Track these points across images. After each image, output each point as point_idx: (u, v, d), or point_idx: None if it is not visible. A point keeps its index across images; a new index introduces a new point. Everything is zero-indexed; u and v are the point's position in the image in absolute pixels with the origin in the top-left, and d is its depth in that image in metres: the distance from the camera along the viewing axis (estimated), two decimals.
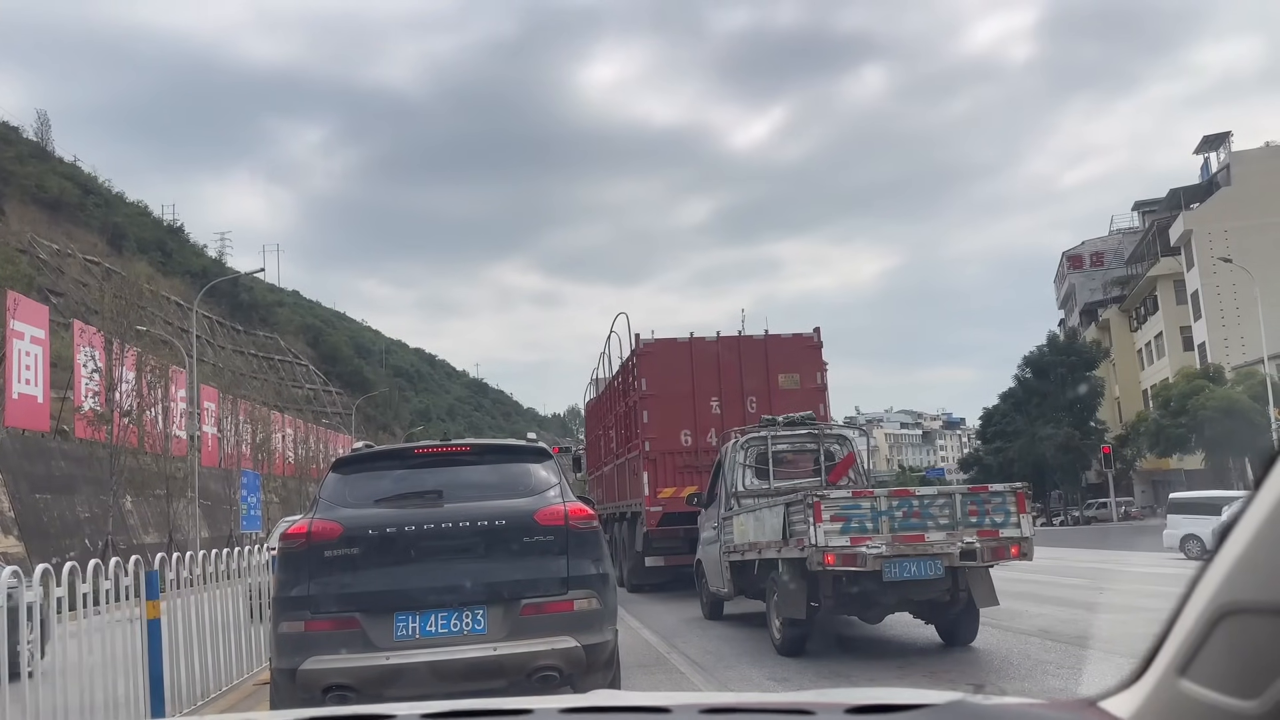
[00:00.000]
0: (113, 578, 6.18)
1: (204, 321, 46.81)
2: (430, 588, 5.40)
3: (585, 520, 5.81)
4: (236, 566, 8.38)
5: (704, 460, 13.97)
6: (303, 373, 72.10)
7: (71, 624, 6.03)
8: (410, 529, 5.50)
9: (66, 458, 26.01)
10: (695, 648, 9.44)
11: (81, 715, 5.61)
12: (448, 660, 5.26)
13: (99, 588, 6.05)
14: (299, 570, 5.46)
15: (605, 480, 19.51)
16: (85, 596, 5.91)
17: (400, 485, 5.88)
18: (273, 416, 43.42)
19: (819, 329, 15.57)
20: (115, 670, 6.23)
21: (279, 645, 5.44)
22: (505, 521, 5.59)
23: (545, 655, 5.37)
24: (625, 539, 16.21)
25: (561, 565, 5.59)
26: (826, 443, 11.29)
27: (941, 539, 7.90)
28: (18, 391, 22.80)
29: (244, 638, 8.50)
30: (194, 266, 64.82)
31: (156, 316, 35.36)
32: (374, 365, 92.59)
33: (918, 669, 7.75)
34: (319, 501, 5.83)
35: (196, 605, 7.43)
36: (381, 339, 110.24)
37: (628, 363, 16.58)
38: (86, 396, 25.33)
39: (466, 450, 6.26)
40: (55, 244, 46.41)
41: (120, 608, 6.31)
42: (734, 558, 10.17)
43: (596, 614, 5.61)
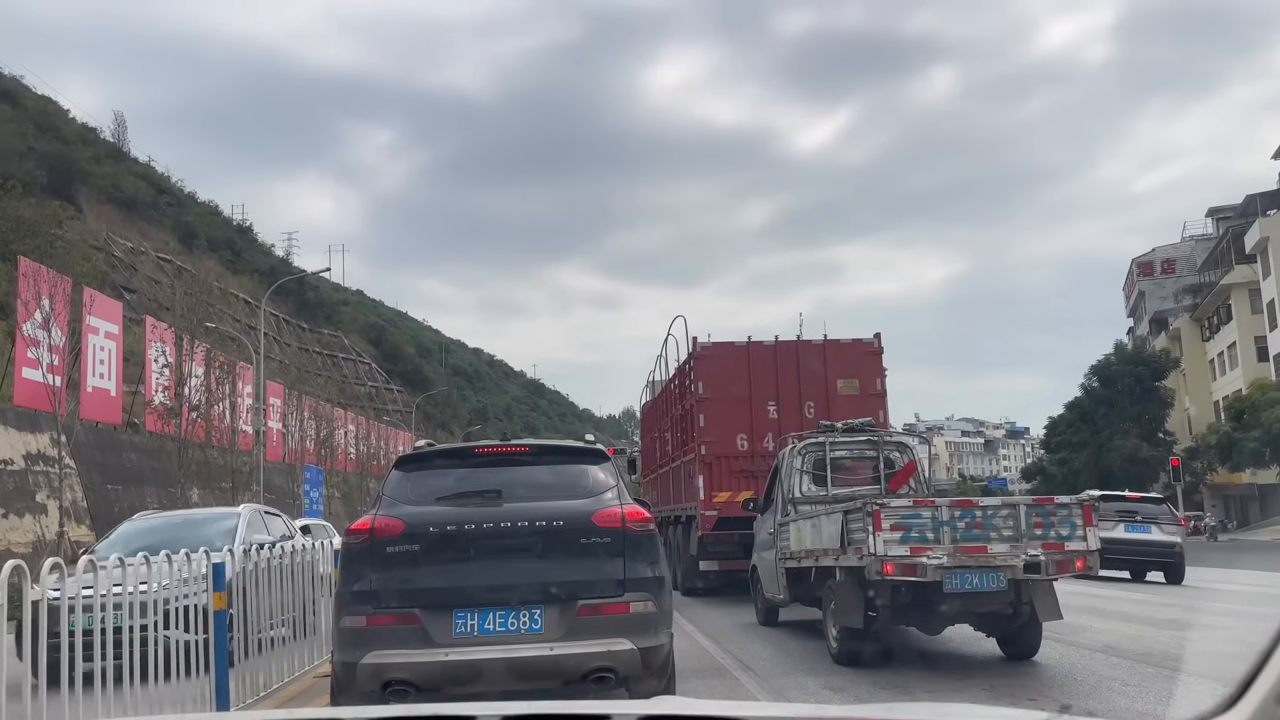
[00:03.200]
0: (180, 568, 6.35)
1: (271, 319, 47.85)
2: (489, 586, 5.45)
3: (642, 523, 5.81)
4: (300, 560, 8.54)
5: (760, 465, 13.88)
6: (365, 370, 73.35)
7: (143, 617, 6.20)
8: (470, 527, 5.56)
9: (137, 450, 26.79)
10: (750, 654, 9.38)
11: (149, 705, 5.76)
12: (505, 659, 5.30)
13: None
14: (362, 566, 5.55)
15: (660, 483, 19.51)
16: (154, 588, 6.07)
17: (461, 484, 5.95)
18: (335, 413, 44.23)
19: (879, 334, 15.39)
20: (183, 660, 6.39)
21: (341, 639, 5.53)
22: (563, 522, 5.62)
23: (601, 657, 5.38)
24: (680, 542, 16.18)
25: (618, 567, 5.60)
26: (886, 450, 11.14)
27: (1005, 551, 7.74)
28: (92, 385, 23.55)
29: (305, 630, 8.64)
30: (262, 265, 66.38)
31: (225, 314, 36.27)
32: (434, 364, 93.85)
33: (978, 682, 7.60)
34: (382, 498, 5.92)
35: (260, 598, 7.59)
36: (441, 338, 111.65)
37: (684, 366, 16.55)
38: (157, 391, 26.09)
39: (526, 451, 6.31)
40: (129, 242, 47.88)
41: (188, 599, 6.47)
42: (790, 564, 10.10)
43: (652, 617, 5.61)
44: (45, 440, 21.72)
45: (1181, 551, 17.55)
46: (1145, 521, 17.64)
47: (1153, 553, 17.36)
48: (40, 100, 55.40)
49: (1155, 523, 17.71)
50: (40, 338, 20.82)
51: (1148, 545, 17.29)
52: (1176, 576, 17.32)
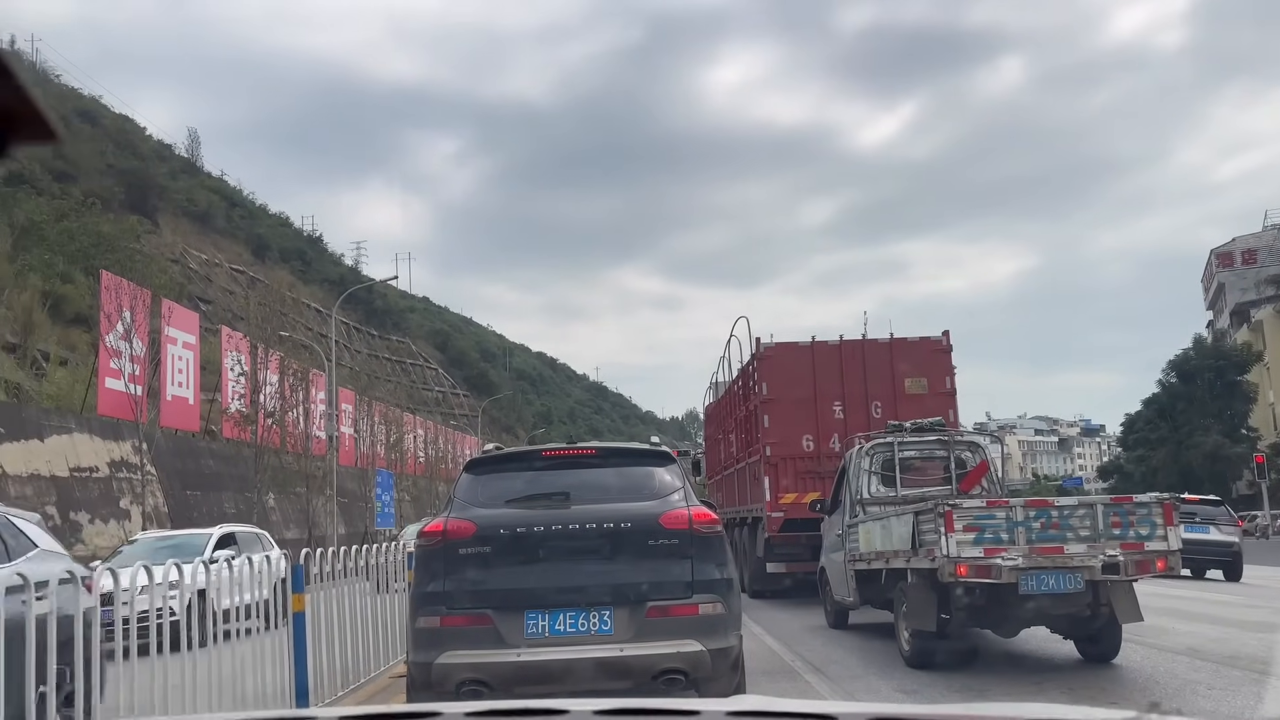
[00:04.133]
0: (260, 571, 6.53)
1: (341, 327, 48.89)
2: (559, 587, 5.51)
3: (709, 525, 5.81)
4: (375, 562, 8.71)
5: (827, 466, 13.76)
6: (432, 375, 74.53)
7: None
8: (539, 529, 5.62)
9: (215, 456, 27.58)
10: (820, 656, 9.31)
11: (234, 701, 5.93)
12: (576, 659, 5.34)
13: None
14: (435, 567, 5.65)
15: (725, 485, 19.45)
16: None
17: (530, 487, 6.01)
18: (405, 418, 44.99)
19: (948, 332, 15.15)
20: (264, 659, 6.57)
21: (415, 639, 5.64)
22: (630, 524, 5.65)
23: (671, 658, 5.40)
24: (746, 544, 16.11)
25: (686, 569, 5.61)
26: (957, 450, 10.97)
27: (1082, 551, 7.57)
28: (171, 394, 24.32)
29: (381, 631, 8.81)
30: (332, 274, 67.90)
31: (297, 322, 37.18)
32: (498, 368, 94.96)
33: (1056, 685, 7.44)
34: (453, 501, 6.01)
35: (337, 599, 7.76)
36: (506, 343, 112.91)
37: (748, 367, 16.49)
38: (233, 398, 26.83)
39: (592, 453, 6.36)
40: (204, 254, 49.36)
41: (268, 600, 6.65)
42: (860, 566, 9.99)
43: (721, 618, 5.61)
44: (128, 448, 22.49)
45: (1239, 550, 18.53)
46: (1204, 522, 18.40)
47: (1212, 552, 18.18)
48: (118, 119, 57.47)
49: (1214, 523, 18.59)
50: (122, 348, 21.56)
51: (1207, 545, 18.02)
52: (1235, 574, 18.24)
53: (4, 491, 18.23)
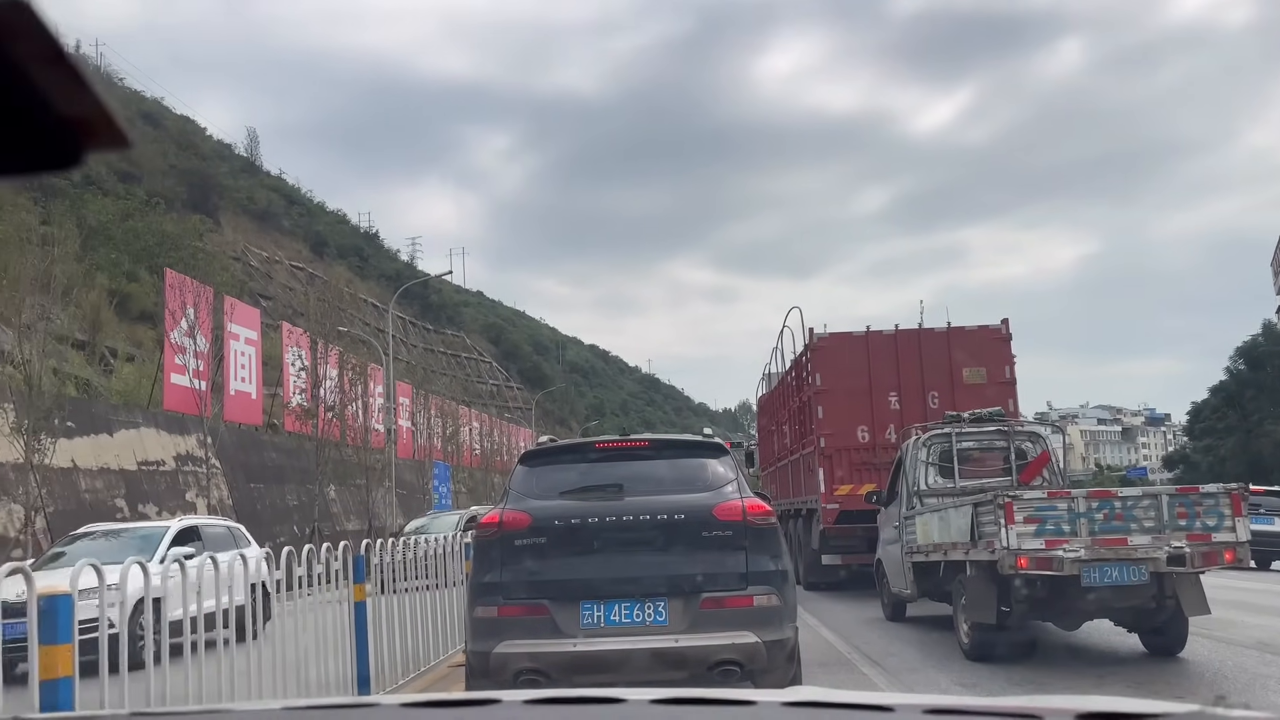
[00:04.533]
0: (323, 562, 6.68)
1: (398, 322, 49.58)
2: (613, 578, 5.54)
3: (763, 516, 5.81)
4: (432, 552, 8.84)
5: (883, 457, 13.62)
6: (486, 369, 75.26)
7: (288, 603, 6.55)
8: (594, 521, 5.66)
9: (277, 449, 28.17)
10: (877, 649, 9.24)
11: (298, 689, 6.07)
12: (632, 649, 5.38)
13: (312, 571, 6.54)
14: (491, 558, 5.73)
15: (779, 476, 19.36)
16: (300, 579, 6.40)
17: (583, 478, 6.05)
18: (460, 411, 45.50)
19: (1007, 320, 14.88)
20: (326, 648, 6.72)
21: (474, 629, 5.72)
22: (684, 516, 5.66)
23: (726, 649, 5.41)
24: (801, 536, 16.03)
25: (740, 560, 5.61)
26: (1017, 440, 10.79)
27: (1147, 543, 7.42)
28: (235, 389, 24.88)
29: (440, 621, 8.94)
30: (388, 270, 68.86)
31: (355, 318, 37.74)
32: (551, 362, 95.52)
33: (1119, 679, 7.30)
34: (509, 493, 6.09)
35: (396, 589, 7.90)
36: (558, 336, 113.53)
37: (801, 358, 16.37)
38: (294, 393, 27.37)
39: (645, 445, 6.38)
40: (264, 251, 50.37)
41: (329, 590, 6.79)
42: (917, 558, 9.89)
43: (776, 610, 5.60)
44: (193, 442, 23.08)
45: None
46: (1269, 514, 18.55)
47: (1277, 543, 18.34)
48: (179, 120, 58.86)
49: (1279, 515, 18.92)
50: (186, 345, 22.13)
51: (1272, 536, 18.05)
52: None
53: (75, 485, 18.84)
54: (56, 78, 0.33)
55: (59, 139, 0.34)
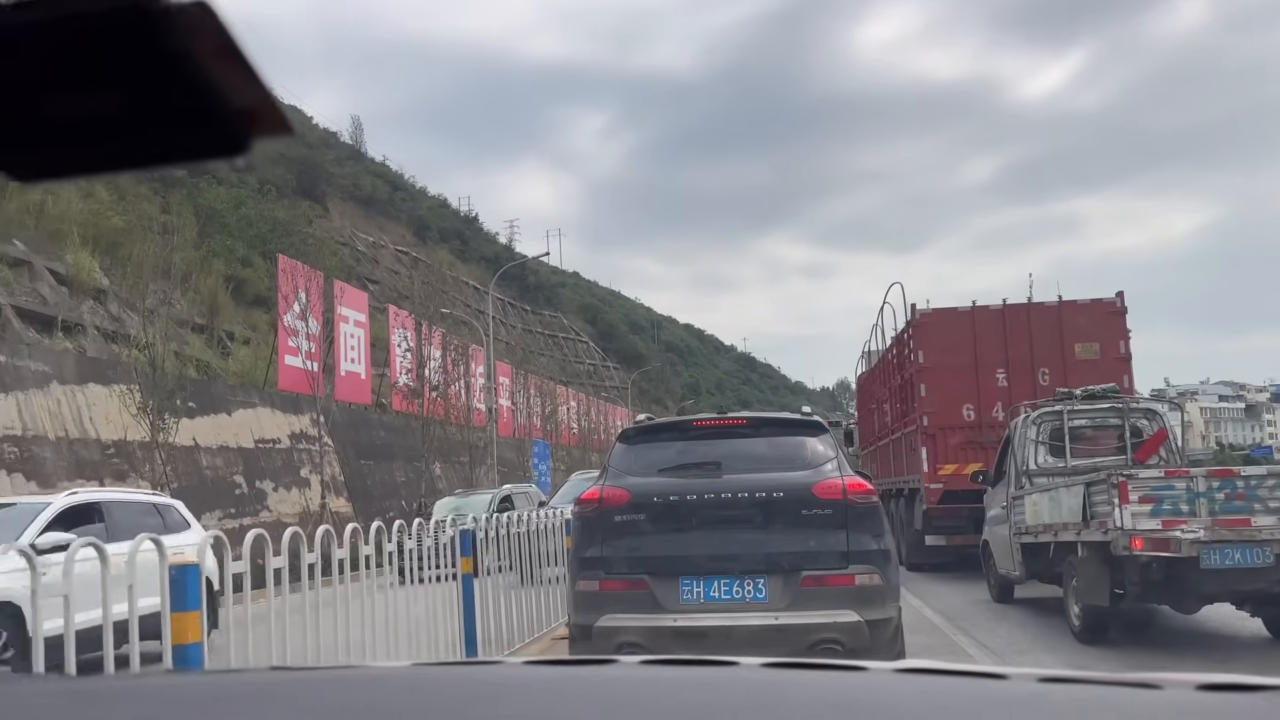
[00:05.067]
0: (432, 536, 6.89)
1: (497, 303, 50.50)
2: (712, 555, 5.58)
3: (865, 495, 5.76)
4: (537, 528, 9.03)
5: (989, 436, 13.29)
6: (583, 349, 76.04)
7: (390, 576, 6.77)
8: (692, 498, 5.70)
9: (385, 428, 29.09)
10: (984, 630, 9.06)
11: (411, 654, 6.29)
12: (732, 626, 5.40)
13: (422, 544, 6.76)
14: (592, 533, 5.82)
15: (880, 455, 19.08)
16: (410, 552, 6.62)
17: (681, 456, 6.09)
18: (558, 390, 46.15)
19: (1122, 293, 14.30)
20: (437, 619, 6.94)
21: (576, 602, 5.84)
22: (783, 494, 5.65)
23: (827, 628, 5.38)
24: (903, 516, 15.78)
25: (841, 539, 5.58)
26: (1132, 418, 10.40)
27: (1272, 524, 7.08)
28: (345, 369, 25.76)
29: (543, 594, 9.12)
30: (487, 253, 70.10)
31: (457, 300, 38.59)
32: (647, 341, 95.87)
33: (1239, 663, 7.00)
34: (608, 469, 6.17)
35: (501, 562, 8.09)
36: (653, 315, 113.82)
37: (903, 334, 16.05)
38: (400, 373, 28.21)
39: (743, 423, 6.38)
40: (370, 236, 51.83)
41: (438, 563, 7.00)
42: (1026, 539, 9.64)
43: (879, 589, 5.55)
44: (306, 421, 24.01)
45: None
46: None
47: None
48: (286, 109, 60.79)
49: None
50: (299, 327, 22.98)
51: None
52: None
53: (198, 462, 19.83)
54: (231, 72, 0.36)
55: (230, 128, 0.37)
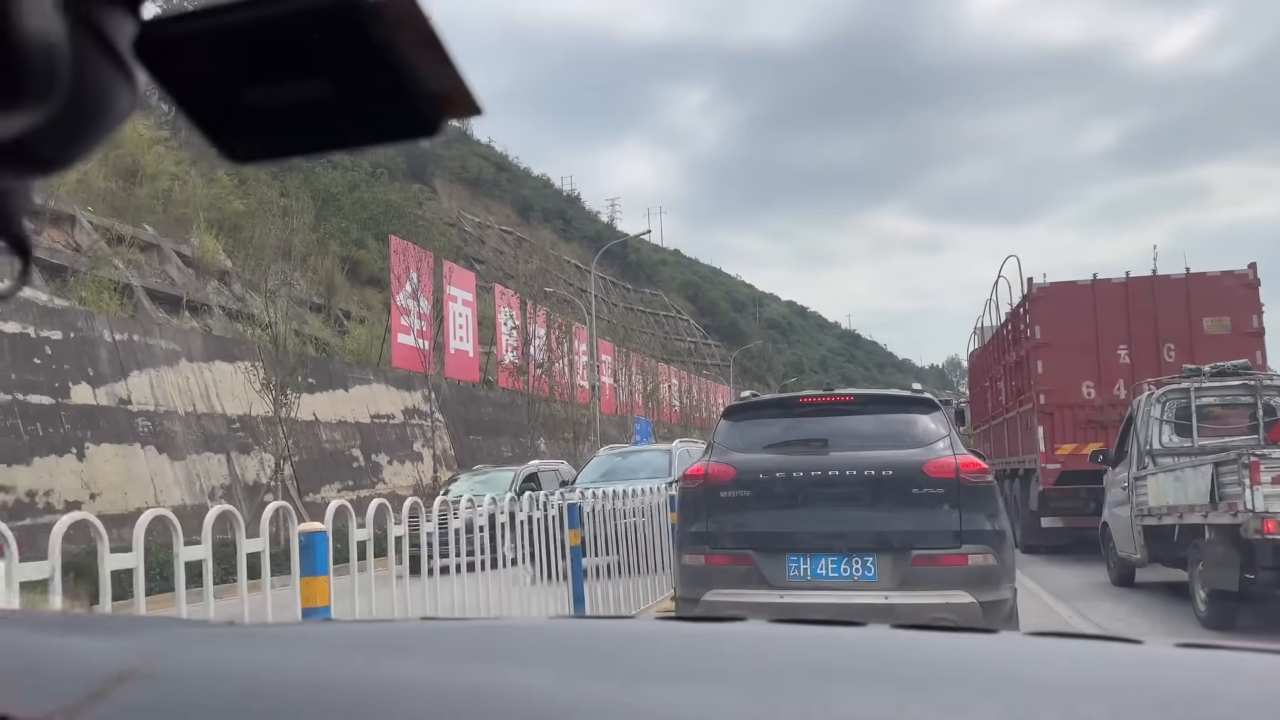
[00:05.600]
0: (542, 509, 7.04)
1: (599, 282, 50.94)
2: (819, 533, 5.54)
3: (978, 474, 5.63)
4: (640, 503, 9.12)
5: (1110, 415, 12.79)
6: (684, 327, 76.07)
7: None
8: (798, 475, 5.66)
9: (492, 404, 29.75)
10: (1103, 614, 8.76)
11: None
12: (840, 604, 5.36)
13: (531, 516, 6.92)
14: (698, 509, 5.85)
15: (993, 434, 18.58)
16: (521, 523, 6.78)
17: (787, 433, 6.06)
18: (659, 368, 46.34)
19: (1254, 264, 13.51)
20: (546, 587, 7.09)
21: (683, 576, 5.89)
22: (893, 472, 5.57)
23: (939, 608, 5.29)
24: (1018, 497, 15.35)
25: (954, 519, 5.47)
26: (1265, 395, 9.84)
27: None
28: (454, 347, 26.42)
29: (650, 566, 9.22)
30: (589, 231, 70.75)
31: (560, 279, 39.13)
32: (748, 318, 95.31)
33: None
34: (713, 445, 6.19)
35: (608, 535, 8.21)
36: (755, 292, 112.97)
37: (1018, 309, 15.54)
38: (507, 351, 28.78)
39: (850, 400, 6.30)
40: (477, 217, 52.87)
41: None
42: (1148, 521, 9.26)
43: (993, 570, 5.43)
44: (418, 397, 24.75)
45: None
46: None
47: None
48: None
49: None
50: (410, 307, 23.66)
51: None
52: None
53: (317, 436, 20.67)
54: (430, 59, 0.38)
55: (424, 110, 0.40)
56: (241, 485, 17.79)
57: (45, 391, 14.48)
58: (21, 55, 0.31)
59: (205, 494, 16.65)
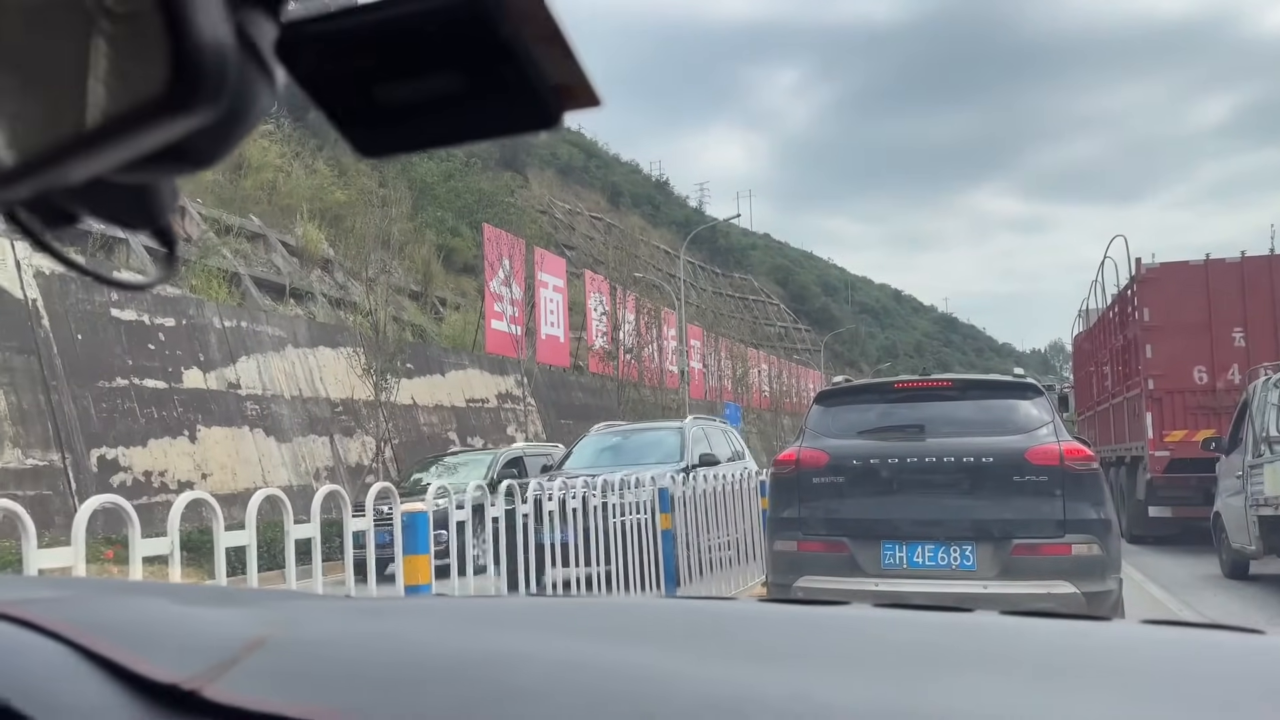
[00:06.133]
0: (634, 492, 7.09)
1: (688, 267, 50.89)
2: (916, 520, 5.46)
3: (1083, 461, 5.47)
4: (730, 488, 9.11)
5: (1224, 401, 12.24)
6: (774, 311, 75.41)
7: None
8: (894, 461, 5.58)
9: (582, 389, 30.06)
10: (1213, 607, 8.41)
11: None
12: (937, 593, 5.27)
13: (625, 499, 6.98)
14: (789, 494, 5.82)
15: (1098, 421, 17.99)
16: (615, 507, 6.85)
17: (882, 419, 5.97)
18: (749, 353, 46.07)
19: None
20: (637, 571, 7.15)
21: (774, 562, 5.87)
22: (993, 459, 5.45)
23: (1040, 599, 5.17)
24: (1124, 485, 14.84)
25: (1057, 507, 5.33)
26: None
27: None
28: (545, 333, 26.77)
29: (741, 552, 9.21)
30: (678, 217, 70.72)
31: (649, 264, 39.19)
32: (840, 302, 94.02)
33: None
34: (805, 431, 6.14)
35: (700, 521, 8.23)
36: (847, 276, 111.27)
37: (1126, 291, 14.98)
38: (596, 336, 29.02)
39: (948, 385, 6.18)
40: (567, 204, 53.32)
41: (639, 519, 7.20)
42: (1265, 511, 8.85)
43: (1098, 560, 5.28)
44: (511, 382, 25.16)
45: None
46: None
47: None
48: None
49: None
50: (503, 293, 24.05)
51: None
52: None
53: (415, 419, 21.21)
54: (554, 52, 0.40)
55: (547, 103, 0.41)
56: (344, 467, 18.39)
57: (160, 376, 15.21)
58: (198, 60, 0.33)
59: (310, 475, 17.27)
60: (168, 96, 0.34)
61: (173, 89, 0.34)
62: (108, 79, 0.36)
